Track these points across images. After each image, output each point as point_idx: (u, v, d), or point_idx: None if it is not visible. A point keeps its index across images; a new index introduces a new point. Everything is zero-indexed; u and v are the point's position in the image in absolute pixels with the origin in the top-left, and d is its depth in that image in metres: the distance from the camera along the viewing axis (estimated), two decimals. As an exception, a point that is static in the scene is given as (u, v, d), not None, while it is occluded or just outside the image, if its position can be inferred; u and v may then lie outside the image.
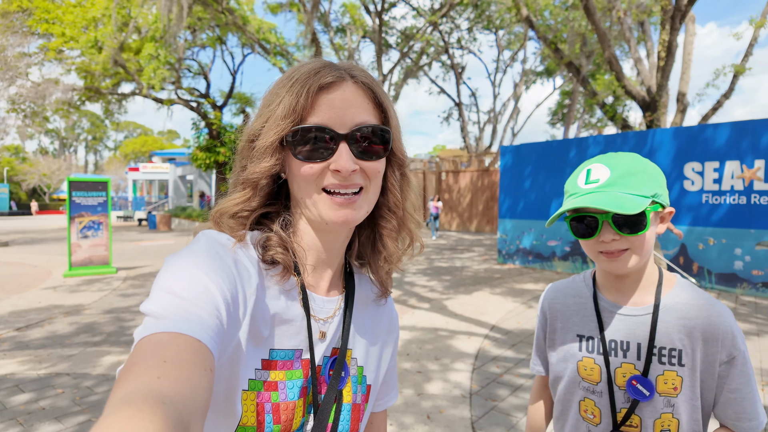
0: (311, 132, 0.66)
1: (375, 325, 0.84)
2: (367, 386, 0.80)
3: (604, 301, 1.04)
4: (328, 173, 0.67)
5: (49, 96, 19.65)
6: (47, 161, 53.79)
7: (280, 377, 0.66)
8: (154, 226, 22.75)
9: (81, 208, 9.11)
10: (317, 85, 0.66)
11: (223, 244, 0.64)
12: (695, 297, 0.99)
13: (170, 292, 0.53)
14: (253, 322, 0.64)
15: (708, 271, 7.70)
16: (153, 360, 0.44)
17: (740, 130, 7.34)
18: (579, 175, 0.98)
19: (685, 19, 9.96)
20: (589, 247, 0.98)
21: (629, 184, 0.91)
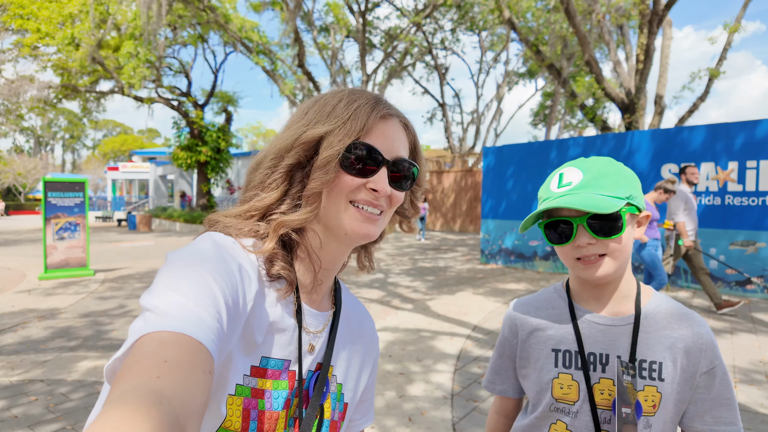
0: (366, 150, 0.70)
1: (356, 344, 0.85)
2: (345, 404, 0.81)
3: (582, 311, 0.98)
4: (363, 190, 0.71)
5: (23, 93, 19.15)
6: (22, 160, 52.35)
7: (267, 386, 0.67)
8: (134, 227, 22.35)
9: (57, 209, 8.89)
10: (380, 113, 0.72)
11: (227, 247, 0.65)
12: (675, 307, 0.97)
13: (174, 290, 0.53)
14: (249, 328, 0.64)
15: (684, 270, 7.87)
16: (153, 359, 0.44)
17: (715, 132, 7.53)
18: (551, 180, 0.95)
19: (662, 23, 10.18)
20: (565, 254, 0.93)
21: (603, 186, 0.89)
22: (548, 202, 0.90)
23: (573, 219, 0.89)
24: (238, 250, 0.66)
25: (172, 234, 19.83)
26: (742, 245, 7.29)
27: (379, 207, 0.73)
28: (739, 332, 5.30)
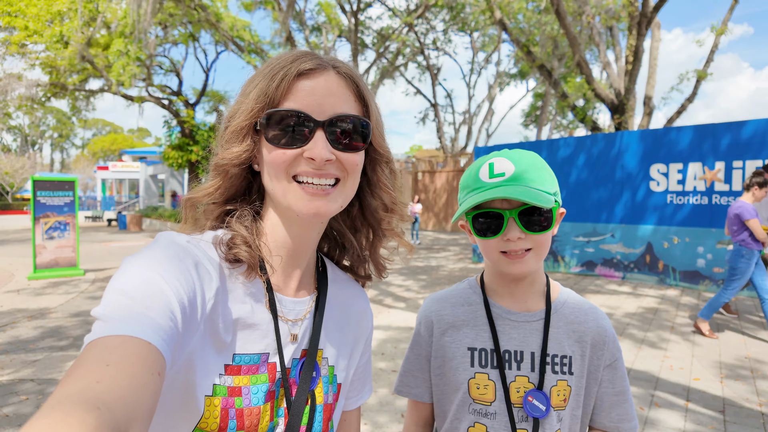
0: (287, 117, 0.63)
1: (347, 323, 0.82)
2: (338, 385, 0.79)
3: (497, 307, 0.96)
4: (301, 161, 0.65)
5: (11, 92, 18.90)
6: (10, 159, 51.63)
7: (244, 382, 0.65)
8: (124, 227, 22.17)
9: (46, 208, 8.81)
10: (296, 70, 0.64)
11: (182, 246, 0.62)
12: (580, 301, 0.98)
13: (121, 294, 0.52)
14: (213, 326, 0.62)
15: (672, 268, 7.99)
16: (95, 364, 0.43)
17: (702, 133, 7.65)
18: (481, 169, 0.90)
19: (651, 25, 10.32)
20: (490, 248, 0.89)
21: (534, 179, 0.86)
22: (481, 192, 0.86)
23: (504, 212, 0.86)
24: (193, 247, 0.64)
25: (162, 234, 19.68)
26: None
27: (327, 176, 0.66)
28: (725, 329, 5.39)
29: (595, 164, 8.98)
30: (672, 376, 4.00)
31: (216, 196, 0.70)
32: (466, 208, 0.87)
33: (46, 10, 16.22)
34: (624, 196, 8.57)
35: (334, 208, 0.67)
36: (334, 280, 0.82)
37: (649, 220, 8.27)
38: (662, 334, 5.18)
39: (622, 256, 8.62)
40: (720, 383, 3.84)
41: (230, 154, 0.66)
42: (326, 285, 0.79)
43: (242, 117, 0.65)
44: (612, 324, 4.25)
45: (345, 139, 0.66)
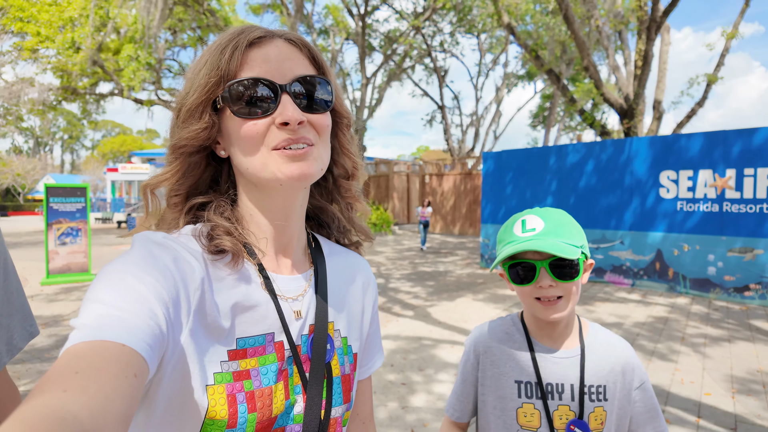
0: (249, 86, 0.61)
1: (352, 293, 0.83)
2: (354, 354, 0.79)
3: (539, 346, 1.09)
4: (274, 130, 0.62)
5: (24, 96, 19.18)
6: (21, 161, 52.29)
7: (252, 364, 0.64)
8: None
9: (59, 214, 8.93)
10: (246, 40, 0.63)
11: (158, 242, 0.61)
12: (608, 336, 1.13)
13: (95, 301, 0.51)
14: (205, 316, 0.61)
15: (683, 276, 7.93)
16: (63, 373, 0.42)
17: (713, 139, 7.59)
18: (514, 225, 1.05)
19: (661, 29, 10.25)
20: (526, 294, 1.04)
21: (563, 233, 1.00)
22: (516, 245, 1.00)
23: (537, 262, 0.99)
24: (171, 241, 0.63)
25: (171, 236, 19.81)
26: (740, 252, 7.35)
27: (304, 140, 0.64)
28: (736, 340, 5.36)
29: (604, 170, 8.94)
30: (683, 390, 3.99)
31: (175, 183, 0.68)
32: (502, 257, 1.02)
33: (58, 17, 16.44)
34: (633, 203, 8.53)
35: (316, 169, 0.65)
36: (330, 253, 0.81)
37: (658, 227, 8.22)
38: (673, 346, 5.16)
39: (631, 263, 8.57)
40: (732, 398, 3.83)
41: (188, 133, 0.64)
42: (323, 259, 0.78)
43: (197, 94, 0.63)
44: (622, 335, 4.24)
45: (312, 101, 0.65)
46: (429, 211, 14.57)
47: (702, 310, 6.85)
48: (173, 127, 0.68)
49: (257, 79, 0.62)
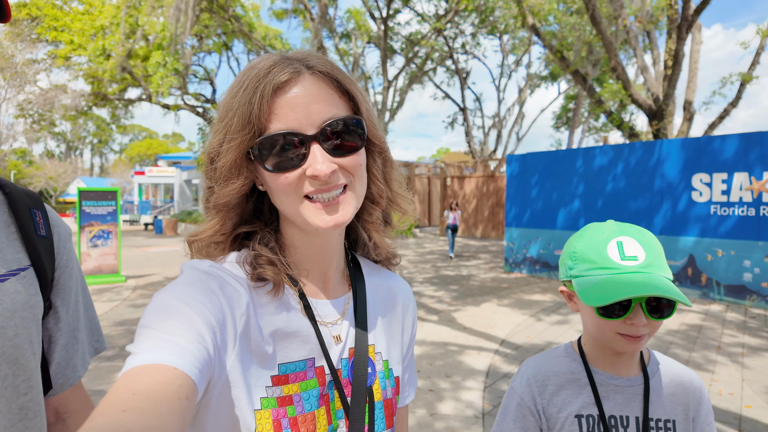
0: (277, 140, 0.61)
1: (392, 314, 0.81)
2: (395, 378, 0.78)
3: (599, 374, 1.00)
4: (305, 180, 0.62)
5: (57, 102, 19.85)
6: (53, 164, 54.13)
7: (294, 390, 0.65)
8: (160, 231, 22.88)
9: (91, 217, 9.20)
10: (271, 87, 0.60)
11: (205, 270, 0.63)
12: (674, 365, 1.04)
13: (147, 327, 0.54)
14: (251, 341, 0.63)
15: (717, 282, 7.68)
16: (121, 394, 0.45)
17: (748, 141, 7.34)
18: (608, 247, 0.91)
19: (692, 28, 9.97)
20: (608, 327, 0.92)
21: (663, 266, 0.90)
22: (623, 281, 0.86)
23: (633, 298, 0.88)
24: (217, 269, 0.64)
25: (197, 238, 20.18)
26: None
27: (336, 187, 0.63)
28: (776, 350, 5.15)
29: (633, 173, 8.74)
30: (721, 402, 3.85)
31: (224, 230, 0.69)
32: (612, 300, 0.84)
33: (90, 25, 16.97)
34: (664, 207, 8.31)
35: (350, 213, 0.65)
36: (369, 273, 0.81)
37: (691, 232, 7.98)
38: (708, 355, 4.99)
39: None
40: (774, 412, 3.67)
41: (231, 191, 0.65)
42: (362, 281, 0.78)
43: (233, 153, 0.63)
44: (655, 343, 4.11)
45: (343, 144, 0.63)
46: (458, 214, 13.30)
47: (738, 317, 6.61)
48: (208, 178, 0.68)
49: (285, 134, 0.61)
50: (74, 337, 0.88)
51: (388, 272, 0.85)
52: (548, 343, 5.43)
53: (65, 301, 0.86)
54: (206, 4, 16.84)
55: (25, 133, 25.82)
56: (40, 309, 0.79)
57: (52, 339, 0.85)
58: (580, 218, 9.53)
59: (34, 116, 21.08)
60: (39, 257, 0.80)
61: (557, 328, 6.03)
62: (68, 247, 0.88)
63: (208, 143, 0.68)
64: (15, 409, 0.75)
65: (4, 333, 0.71)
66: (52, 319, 0.84)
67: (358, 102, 0.66)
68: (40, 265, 0.80)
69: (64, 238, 0.87)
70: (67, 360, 0.87)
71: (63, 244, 0.87)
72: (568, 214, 9.79)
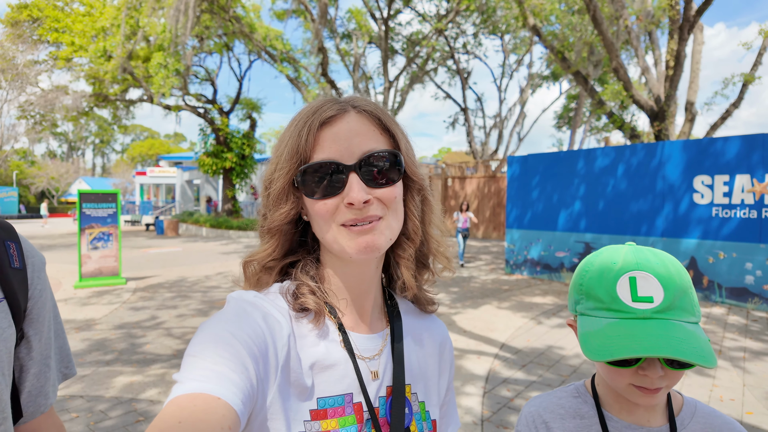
0: (318, 168, 0.65)
1: (429, 355, 0.81)
2: (432, 421, 0.77)
3: (614, 421, 0.86)
4: (342, 208, 0.65)
5: (58, 103, 19.88)
6: (55, 164, 54.32)
7: (333, 426, 0.65)
8: (161, 232, 22.89)
9: (91, 219, 9.19)
10: (318, 121, 0.66)
11: (250, 301, 0.65)
12: (711, 415, 0.87)
13: (194, 356, 0.55)
14: (290, 373, 0.63)
15: (718, 285, 7.65)
16: (168, 422, 0.46)
17: (750, 143, 7.30)
18: (618, 282, 0.76)
19: (694, 28, 9.93)
20: (620, 376, 0.78)
21: (685, 308, 0.74)
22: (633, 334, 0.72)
23: None
24: (261, 300, 0.66)
25: (198, 239, 20.23)
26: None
27: (371, 218, 0.65)
28: (778, 355, 5.12)
29: (634, 175, 8.70)
30: (722, 408, 3.82)
31: (276, 255, 0.72)
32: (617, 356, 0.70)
33: (91, 26, 16.98)
34: (665, 209, 8.27)
35: (383, 241, 0.67)
36: (406, 312, 0.81)
37: (692, 234, 7.95)
38: (710, 360, 4.96)
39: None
40: (775, 418, 3.64)
41: (280, 216, 0.69)
42: (399, 319, 0.78)
43: (282, 180, 0.68)
44: None
45: (379, 176, 0.66)
46: (470, 216, 11.73)
47: (740, 321, 6.58)
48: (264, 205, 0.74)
49: (325, 162, 0.65)
50: (46, 365, 0.88)
51: (425, 313, 0.85)
52: (549, 346, 5.40)
53: (38, 331, 0.86)
54: (207, 5, 16.84)
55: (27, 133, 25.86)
56: (12, 340, 0.79)
57: (24, 368, 0.85)
58: (582, 220, 9.50)
59: (35, 117, 21.13)
60: (12, 289, 0.79)
61: (558, 332, 6.01)
62: (42, 276, 0.88)
63: (264, 173, 0.74)
64: None
65: None
66: (24, 349, 0.84)
67: (398, 139, 0.70)
68: (13, 297, 0.79)
69: (38, 268, 0.87)
70: (38, 388, 0.87)
71: (37, 274, 0.87)
72: (569, 216, 9.76)
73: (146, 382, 4.31)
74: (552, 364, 4.83)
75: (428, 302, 0.84)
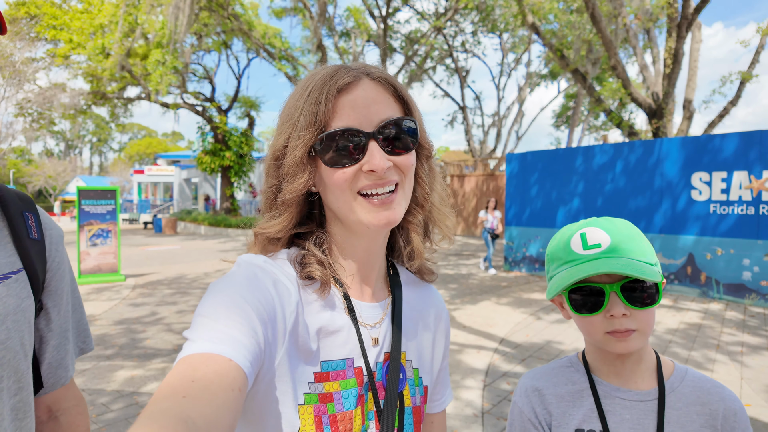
0: (339, 136, 0.64)
1: (425, 324, 0.83)
2: (424, 387, 0.80)
3: (604, 385, 0.89)
4: (361, 175, 0.66)
5: (56, 100, 19.83)
6: (53, 163, 54.13)
7: (335, 388, 0.67)
8: (159, 230, 22.86)
9: (90, 216, 9.18)
10: (335, 88, 0.65)
11: (260, 266, 0.65)
12: (702, 379, 0.89)
13: (206, 316, 0.55)
14: (298, 338, 0.65)
15: (716, 281, 7.69)
16: (182, 380, 0.47)
17: (748, 140, 7.34)
18: (572, 239, 0.86)
19: (692, 26, 9.96)
20: (592, 326, 0.83)
21: (634, 250, 0.81)
22: (581, 266, 0.81)
23: (605, 286, 0.80)
24: (270, 266, 0.66)
25: (197, 237, 20.21)
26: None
27: (389, 183, 0.67)
28: (775, 349, 5.16)
29: (633, 172, 8.74)
30: (720, 401, 3.85)
31: (289, 227, 0.72)
32: (564, 285, 0.81)
33: (89, 24, 16.94)
34: (663, 205, 8.31)
35: (399, 212, 0.68)
36: (406, 283, 0.83)
37: (690, 231, 7.99)
38: (708, 354, 5.00)
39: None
40: (773, 411, 3.68)
41: (298, 186, 0.68)
42: (400, 288, 0.80)
43: (301, 149, 0.66)
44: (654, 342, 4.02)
45: (397, 143, 0.67)
46: (498, 216, 10.43)
47: (737, 316, 6.62)
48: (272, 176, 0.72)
49: (347, 130, 0.64)
50: (65, 337, 0.89)
51: (424, 283, 0.86)
52: (547, 341, 5.43)
53: (56, 303, 0.87)
54: (205, 3, 16.82)
55: (24, 131, 25.76)
56: (31, 311, 0.80)
57: (44, 339, 0.86)
58: (580, 217, 9.54)
59: (33, 115, 21.05)
60: (31, 260, 0.80)
61: (557, 327, 6.04)
62: (60, 249, 0.89)
63: (272, 144, 0.72)
64: (7, 410, 0.75)
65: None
66: (43, 320, 0.85)
67: (411, 108, 0.71)
68: (32, 268, 0.80)
69: (56, 241, 0.88)
70: (59, 360, 0.88)
71: (55, 246, 0.87)
72: (567, 213, 9.80)
73: (147, 376, 4.32)
74: (551, 359, 4.86)
75: (428, 272, 0.84)
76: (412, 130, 0.69)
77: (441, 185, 0.79)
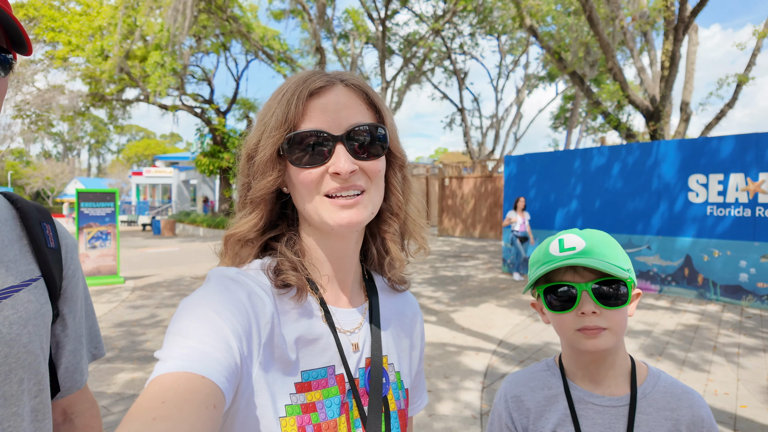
0: (306, 137, 0.65)
1: (402, 329, 0.84)
2: (406, 390, 0.81)
3: (578, 390, 0.92)
4: (327, 178, 0.66)
5: (54, 102, 19.80)
6: (51, 165, 54.05)
7: (317, 397, 0.66)
8: (158, 232, 22.84)
9: (89, 218, 9.19)
10: (308, 91, 0.66)
11: (232, 278, 0.65)
12: (673, 385, 0.92)
13: (177, 334, 0.54)
14: (274, 350, 0.64)
15: (713, 282, 7.73)
16: (151, 402, 0.46)
17: (745, 142, 7.39)
18: (550, 245, 0.91)
19: (689, 29, 10.02)
20: (564, 324, 0.88)
21: (606, 254, 0.86)
22: (552, 264, 0.86)
23: (577, 285, 0.85)
24: (243, 277, 0.66)
25: (195, 239, 20.20)
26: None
27: (354, 188, 0.67)
28: (772, 350, 5.19)
29: (630, 174, 8.78)
30: (717, 402, 3.89)
31: (259, 227, 0.72)
32: (535, 278, 0.88)
33: (88, 26, 16.93)
34: (661, 207, 8.35)
35: (365, 215, 0.68)
36: (382, 288, 0.83)
37: (687, 232, 8.03)
38: (705, 355, 5.03)
39: (658, 268, 8.39)
40: (769, 411, 3.71)
41: (266, 184, 0.69)
42: (376, 293, 0.80)
43: (270, 149, 0.67)
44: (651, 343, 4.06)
45: (365, 149, 0.67)
46: (528, 217, 9.51)
47: (734, 318, 6.66)
48: (245, 174, 0.73)
49: (314, 132, 0.66)
50: (80, 342, 0.93)
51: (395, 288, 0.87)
52: (546, 343, 5.46)
53: (72, 309, 0.90)
54: (204, 5, 16.84)
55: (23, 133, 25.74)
56: (49, 317, 0.83)
57: (60, 344, 0.89)
58: (578, 219, 9.57)
59: (31, 117, 21.03)
60: (49, 268, 0.83)
61: (555, 329, 6.06)
62: (75, 257, 0.92)
63: (246, 142, 0.73)
64: (28, 410, 0.78)
65: (19, 340, 0.75)
66: (59, 326, 0.88)
67: (383, 115, 0.71)
68: (50, 275, 0.83)
69: (71, 250, 0.91)
70: (75, 365, 0.92)
71: (70, 255, 0.91)
72: (566, 215, 9.83)
73: (148, 379, 4.33)
74: (549, 360, 4.88)
75: (401, 281, 0.84)
76: (381, 137, 0.69)
77: (417, 197, 0.80)
